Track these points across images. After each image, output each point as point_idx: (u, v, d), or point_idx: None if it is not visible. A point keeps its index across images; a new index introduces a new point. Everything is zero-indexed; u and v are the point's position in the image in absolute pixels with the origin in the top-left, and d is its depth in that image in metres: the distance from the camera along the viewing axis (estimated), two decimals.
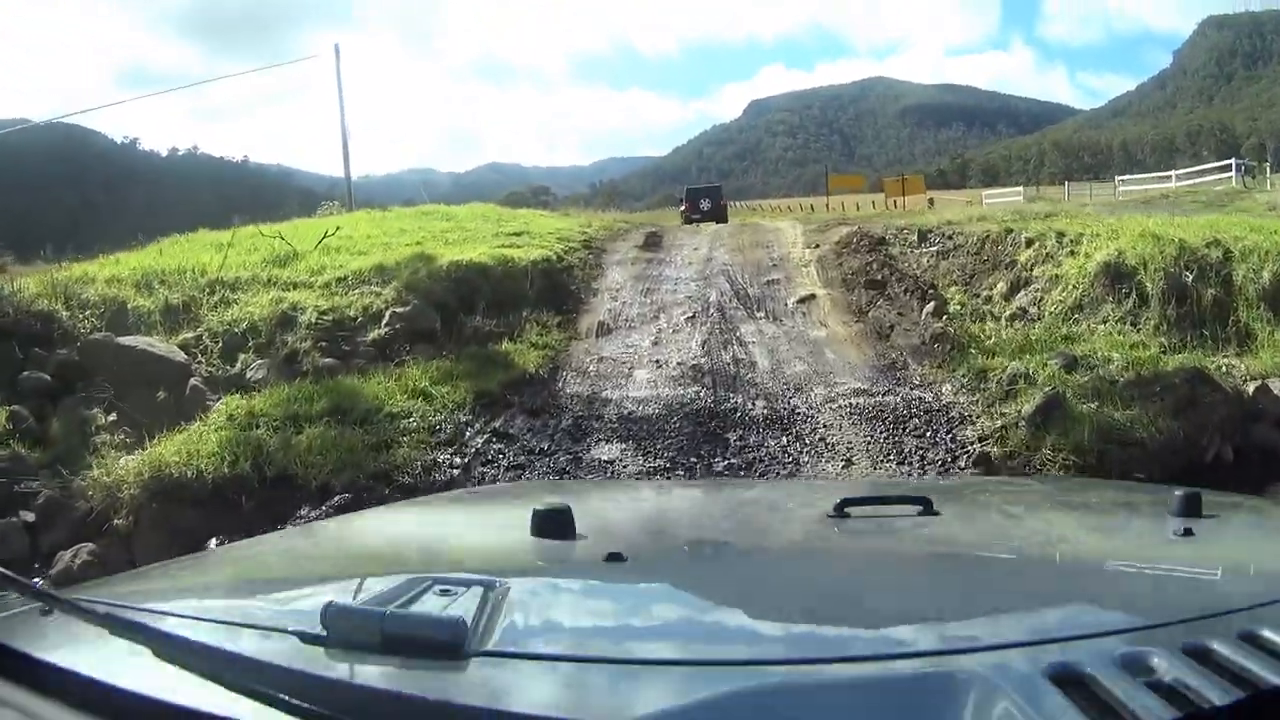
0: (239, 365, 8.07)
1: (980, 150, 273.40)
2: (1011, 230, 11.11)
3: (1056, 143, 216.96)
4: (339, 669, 0.80)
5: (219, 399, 7.25)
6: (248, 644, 0.88)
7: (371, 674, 0.79)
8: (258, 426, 6.30)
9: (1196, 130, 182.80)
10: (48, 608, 0.95)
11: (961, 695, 0.71)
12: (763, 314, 9.87)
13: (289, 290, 9.37)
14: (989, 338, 8.47)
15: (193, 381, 7.64)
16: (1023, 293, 9.75)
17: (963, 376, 7.43)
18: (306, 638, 0.82)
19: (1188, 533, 1.24)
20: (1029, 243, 10.40)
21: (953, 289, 10.37)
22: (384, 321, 8.76)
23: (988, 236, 11.43)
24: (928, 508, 1.38)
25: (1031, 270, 9.97)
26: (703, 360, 8.29)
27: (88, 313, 8.33)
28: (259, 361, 8.08)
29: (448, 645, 0.80)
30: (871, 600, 1.09)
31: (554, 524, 1.28)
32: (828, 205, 35.50)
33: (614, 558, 1.15)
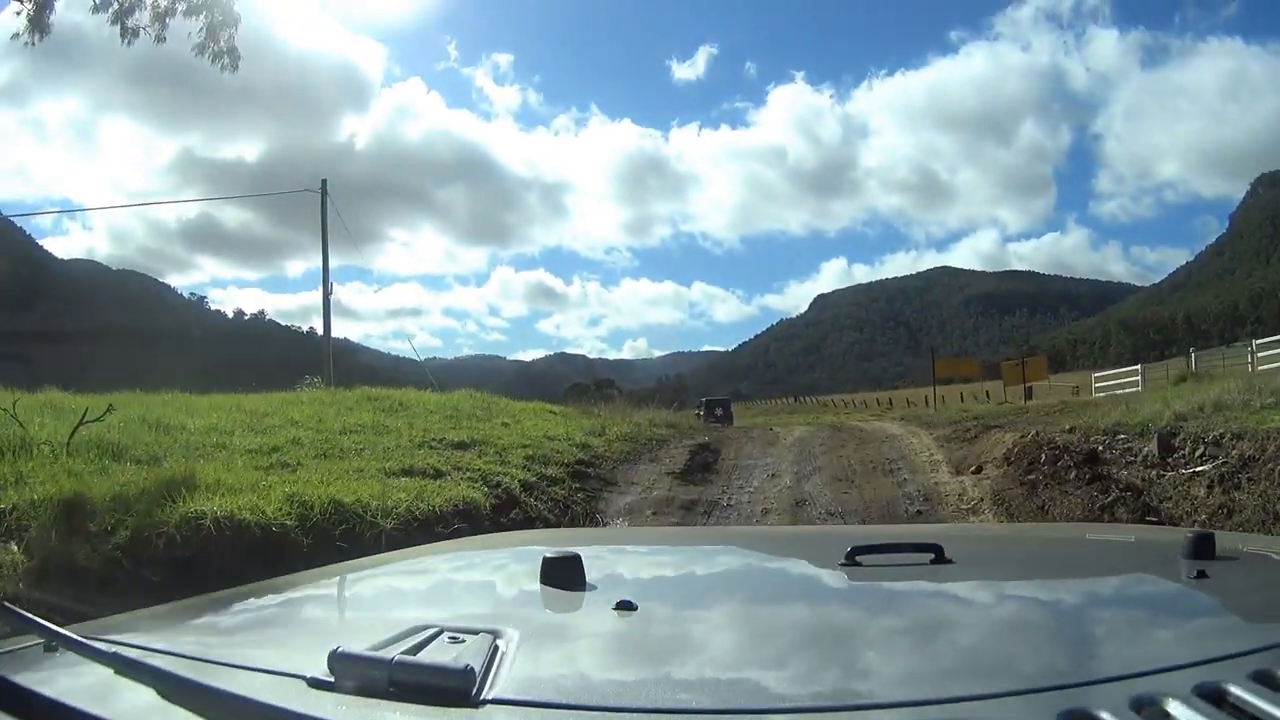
0: None
1: (1044, 335, 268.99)
2: None
3: (1121, 322, 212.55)
4: (346, 715, 0.78)
5: None
6: (253, 687, 0.83)
7: None
8: None
9: (1258, 294, 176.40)
10: (53, 644, 0.94)
11: None
12: None
13: None
14: None
15: None
16: None
17: None
18: (313, 683, 0.82)
19: (1201, 575, 1.20)
20: None
21: None
22: None
23: None
24: (939, 555, 1.34)
25: None
26: None
27: None
28: None
29: (456, 692, 0.79)
30: (883, 648, 1.04)
31: (563, 572, 1.24)
32: (939, 398, 29.89)
33: (624, 606, 1.12)
